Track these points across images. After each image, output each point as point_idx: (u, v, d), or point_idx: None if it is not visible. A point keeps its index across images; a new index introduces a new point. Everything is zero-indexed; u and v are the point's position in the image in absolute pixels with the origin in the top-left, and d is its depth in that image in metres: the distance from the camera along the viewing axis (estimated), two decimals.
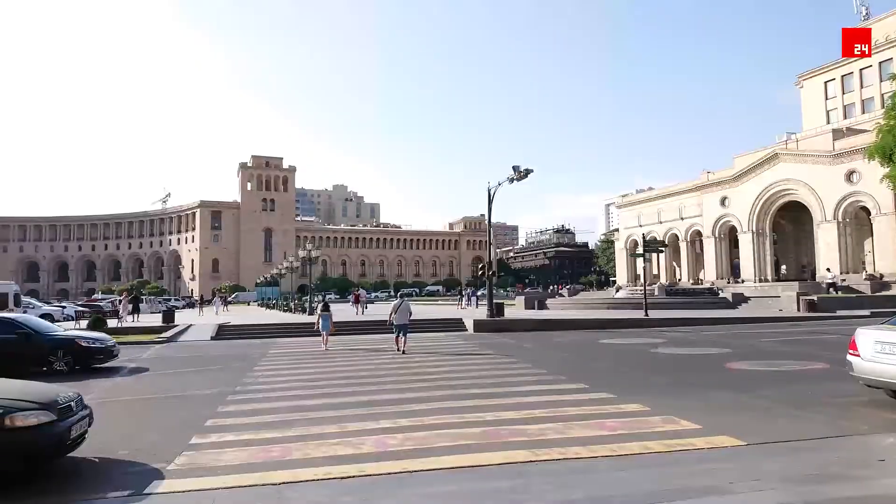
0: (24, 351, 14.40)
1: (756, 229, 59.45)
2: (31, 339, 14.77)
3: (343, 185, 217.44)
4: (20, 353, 14.21)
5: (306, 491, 5.57)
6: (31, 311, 38.64)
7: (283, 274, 61.69)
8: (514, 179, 27.44)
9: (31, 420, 5.87)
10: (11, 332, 14.68)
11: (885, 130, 33.28)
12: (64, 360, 14.76)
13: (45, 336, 15.32)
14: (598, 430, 7.58)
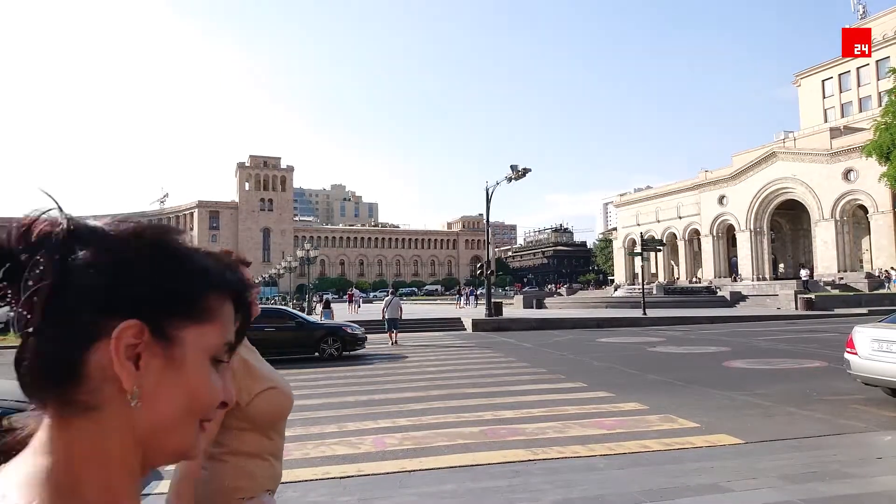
0: (300, 337, 16.44)
1: (754, 228, 59.56)
2: (304, 327, 16.88)
3: (341, 185, 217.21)
4: (296, 339, 16.33)
5: (305, 490, 5.56)
6: None
7: (282, 274, 61.73)
8: (512, 179, 27.46)
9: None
10: (291, 321, 16.90)
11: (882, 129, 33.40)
12: (335, 347, 16.55)
13: (315, 325, 17.69)
14: (596, 429, 7.59)
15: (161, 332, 0.58)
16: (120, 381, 0.56)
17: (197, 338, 0.60)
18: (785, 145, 56.38)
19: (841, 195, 50.97)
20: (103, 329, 0.56)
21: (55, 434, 0.58)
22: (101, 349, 0.56)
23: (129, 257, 0.58)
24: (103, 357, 0.56)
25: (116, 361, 0.55)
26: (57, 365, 0.57)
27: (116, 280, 0.56)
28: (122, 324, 0.56)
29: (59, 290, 0.55)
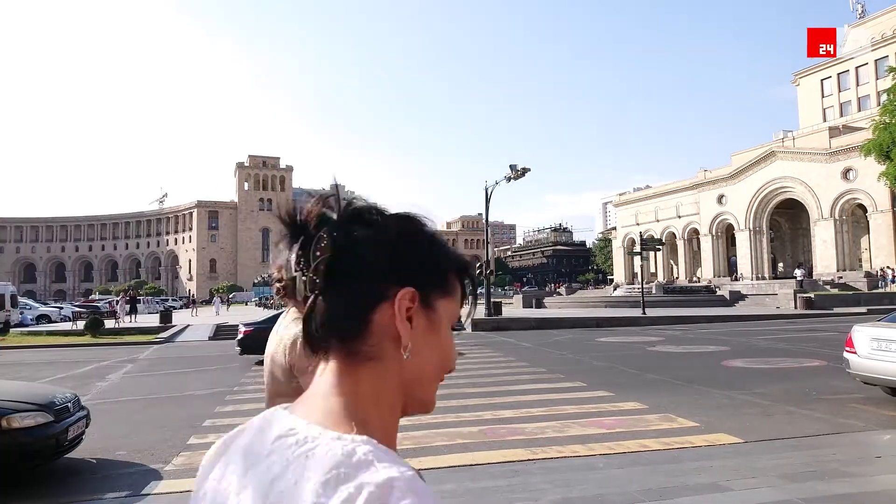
0: None
1: (753, 227, 59.55)
2: None
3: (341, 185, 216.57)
4: None
5: None
6: (28, 311, 38.62)
7: None
8: (511, 178, 27.48)
9: (28, 421, 5.86)
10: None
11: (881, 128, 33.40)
12: None
13: None
14: (595, 429, 7.59)
15: (426, 299, 0.71)
16: (396, 336, 0.69)
17: (445, 307, 0.73)
18: (784, 144, 56.37)
19: (840, 194, 50.97)
20: (385, 294, 0.69)
21: (342, 379, 0.70)
22: (383, 310, 0.69)
23: (404, 237, 0.72)
24: (384, 316, 0.69)
25: (398, 320, 0.68)
26: (346, 321, 0.69)
27: (396, 255, 0.70)
28: (401, 290, 0.69)
29: (339, 261, 0.69)
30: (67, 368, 15.85)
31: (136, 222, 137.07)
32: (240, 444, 0.72)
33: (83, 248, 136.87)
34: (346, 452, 0.61)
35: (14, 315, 30.97)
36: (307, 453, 0.63)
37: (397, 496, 0.56)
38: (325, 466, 0.60)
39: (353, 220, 0.71)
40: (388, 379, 0.70)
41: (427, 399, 0.74)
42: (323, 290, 0.69)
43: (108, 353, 19.64)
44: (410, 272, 0.70)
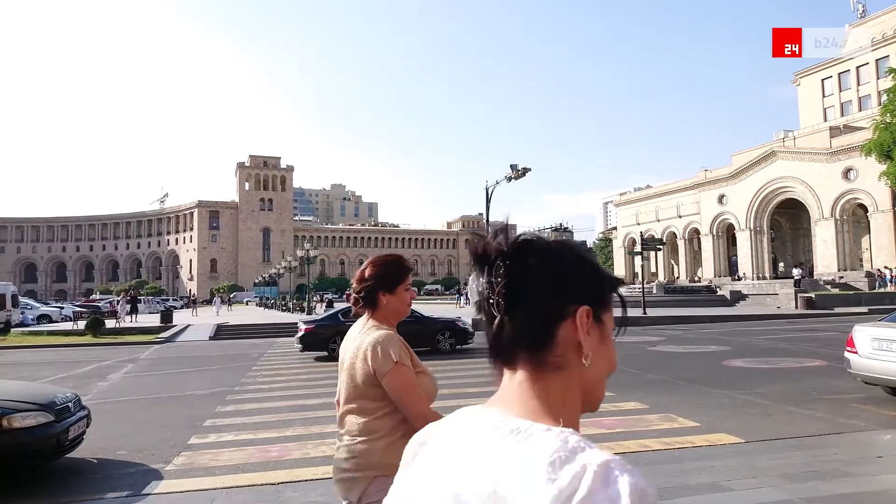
0: (418, 331, 16.29)
1: (754, 227, 59.53)
2: (421, 321, 17.17)
3: (341, 185, 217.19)
4: (415, 332, 15.99)
5: (305, 490, 5.57)
6: (29, 311, 38.64)
7: (282, 273, 61.72)
8: (512, 178, 27.41)
9: (28, 421, 5.86)
10: (410, 317, 16.38)
11: (881, 127, 33.36)
12: (449, 341, 17.22)
13: (432, 320, 18.42)
14: (596, 428, 7.58)
15: (597, 315, 0.84)
16: (577, 348, 0.82)
17: (608, 321, 0.87)
18: (784, 144, 56.34)
19: (841, 194, 50.94)
20: (565, 312, 0.82)
21: (534, 385, 0.82)
22: (566, 326, 0.81)
23: (575, 263, 0.86)
24: (567, 331, 0.81)
25: (581, 333, 0.81)
26: (535, 336, 0.82)
27: (570, 278, 0.84)
28: (580, 308, 0.82)
29: (517, 286, 0.82)
30: (68, 368, 15.87)
31: (136, 222, 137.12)
32: (445, 434, 0.86)
33: (84, 247, 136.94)
34: (561, 440, 0.72)
35: (15, 315, 30.99)
36: (525, 440, 0.74)
37: (616, 473, 0.67)
38: (546, 450, 0.70)
39: (523, 250, 0.86)
40: (572, 384, 0.83)
41: (600, 398, 0.88)
42: (506, 311, 0.82)
43: (109, 353, 19.65)
44: (583, 292, 0.84)
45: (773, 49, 12.99)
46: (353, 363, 2.41)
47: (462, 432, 0.83)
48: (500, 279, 0.83)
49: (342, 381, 2.49)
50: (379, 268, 2.53)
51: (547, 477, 0.68)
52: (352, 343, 2.48)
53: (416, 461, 0.87)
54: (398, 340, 2.40)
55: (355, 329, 2.54)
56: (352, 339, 2.50)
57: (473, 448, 0.78)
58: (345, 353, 2.52)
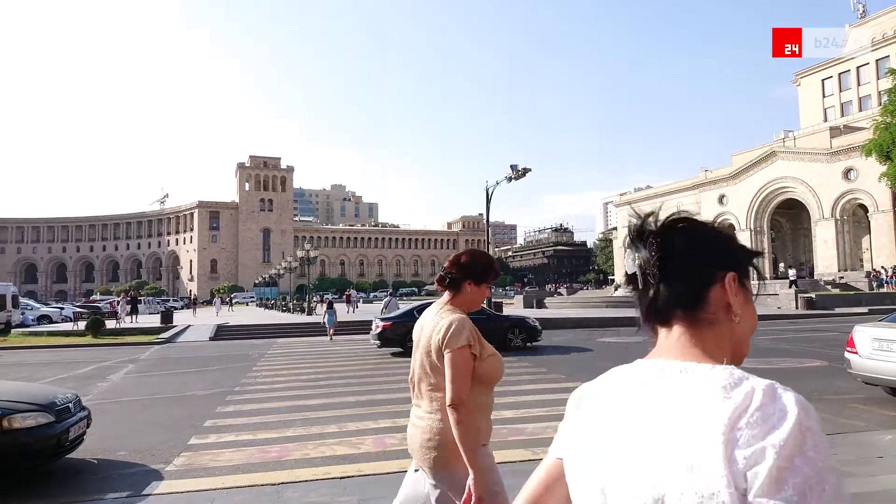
0: (490, 329, 16.19)
1: (754, 227, 59.52)
2: (493, 319, 17.72)
3: (341, 185, 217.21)
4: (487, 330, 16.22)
5: (305, 491, 5.57)
6: (29, 312, 38.63)
7: (282, 274, 61.67)
8: (512, 178, 27.43)
9: (29, 421, 5.86)
10: (482, 314, 17.11)
11: (881, 128, 33.35)
12: (520, 337, 17.53)
13: (502, 317, 19.21)
14: None
15: (741, 280, 1.00)
16: (727, 307, 0.98)
17: (748, 286, 1.02)
18: (785, 144, 56.33)
19: (841, 194, 50.93)
20: (714, 277, 0.98)
21: (691, 339, 0.98)
22: (716, 289, 0.98)
23: (720, 237, 1.03)
24: (717, 293, 0.98)
25: (730, 294, 0.97)
26: (688, 298, 0.98)
27: (718, 250, 1.01)
28: (729, 274, 0.98)
29: (668, 259, 0.98)
30: (68, 369, 15.87)
31: (137, 223, 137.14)
32: (604, 386, 1.02)
33: (84, 248, 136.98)
34: (727, 372, 0.89)
35: (15, 315, 30.99)
36: (694, 375, 0.91)
37: (780, 391, 0.84)
38: (716, 380, 0.88)
39: (673, 228, 1.01)
40: (724, 338, 0.99)
41: (746, 353, 1.04)
42: (661, 280, 0.99)
43: (109, 354, 19.65)
44: (729, 261, 1.00)
45: (773, 49, 12.99)
46: (428, 342, 2.60)
47: (625, 380, 0.99)
48: (655, 253, 0.99)
49: (416, 359, 2.69)
50: (475, 259, 2.76)
51: (722, 396, 0.84)
52: (429, 323, 2.67)
53: (579, 411, 1.03)
54: (471, 326, 2.59)
55: (431, 311, 2.74)
56: (428, 321, 2.69)
57: (642, 387, 0.94)
58: (420, 333, 2.71)
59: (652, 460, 0.86)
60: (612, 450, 0.92)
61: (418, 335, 2.73)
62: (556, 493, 1.05)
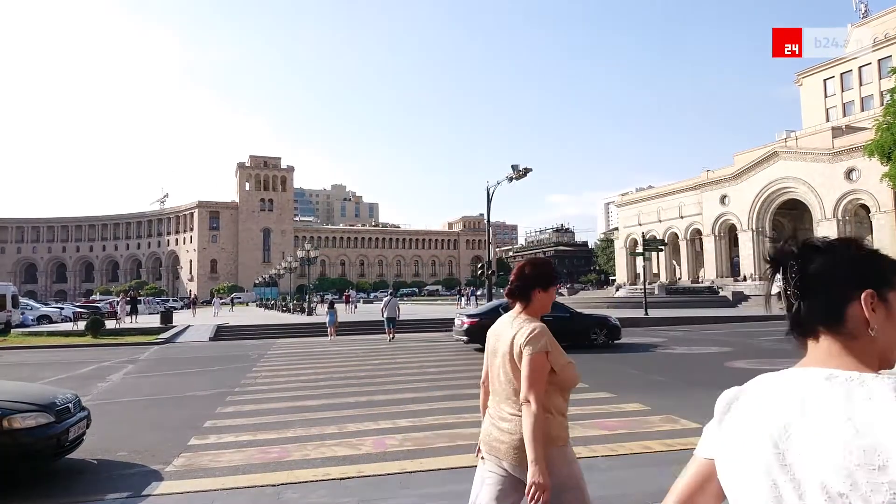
0: (575, 327, 17.39)
1: (756, 227, 59.51)
2: (576, 318, 18.33)
3: (342, 185, 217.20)
4: (572, 328, 17.08)
5: (305, 492, 5.55)
6: (29, 312, 38.63)
7: (282, 274, 61.67)
8: (513, 179, 27.40)
9: (29, 422, 5.85)
10: (566, 313, 18.21)
11: (883, 128, 33.27)
12: (603, 335, 17.97)
13: (585, 316, 19.36)
14: (597, 430, 7.56)
15: (881, 296, 1.07)
16: (867, 322, 1.05)
17: (893, 299, 1.08)
18: (787, 145, 56.31)
19: (843, 195, 50.93)
20: (853, 295, 1.06)
21: (840, 349, 1.08)
22: (854, 306, 1.06)
23: (856, 258, 1.10)
24: (856, 309, 1.06)
25: (867, 311, 1.05)
26: (828, 315, 1.08)
27: (854, 269, 1.08)
28: (865, 292, 1.06)
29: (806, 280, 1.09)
30: (68, 369, 15.85)
31: (136, 223, 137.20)
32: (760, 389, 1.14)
33: (84, 248, 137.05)
34: (893, 379, 0.97)
35: (15, 315, 30.99)
36: (863, 383, 0.98)
37: None
38: (889, 386, 0.95)
39: (810, 250, 1.11)
40: (869, 349, 1.07)
41: (894, 361, 1.10)
42: (802, 298, 1.10)
43: (109, 354, 19.63)
44: (866, 279, 1.07)
45: (773, 49, 12.95)
46: (510, 349, 2.81)
47: (786, 385, 1.10)
48: (794, 275, 1.10)
49: (495, 365, 2.93)
50: (538, 268, 3.00)
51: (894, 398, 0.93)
52: (505, 332, 2.90)
53: (731, 414, 1.13)
54: (550, 335, 2.82)
55: (505, 320, 2.97)
56: (504, 329, 2.93)
57: (811, 392, 1.03)
58: (497, 341, 2.95)
59: (833, 457, 0.93)
60: (788, 447, 0.99)
61: (494, 343, 2.96)
62: (707, 491, 1.15)
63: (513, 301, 2.96)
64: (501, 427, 2.84)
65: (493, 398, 2.97)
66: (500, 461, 2.84)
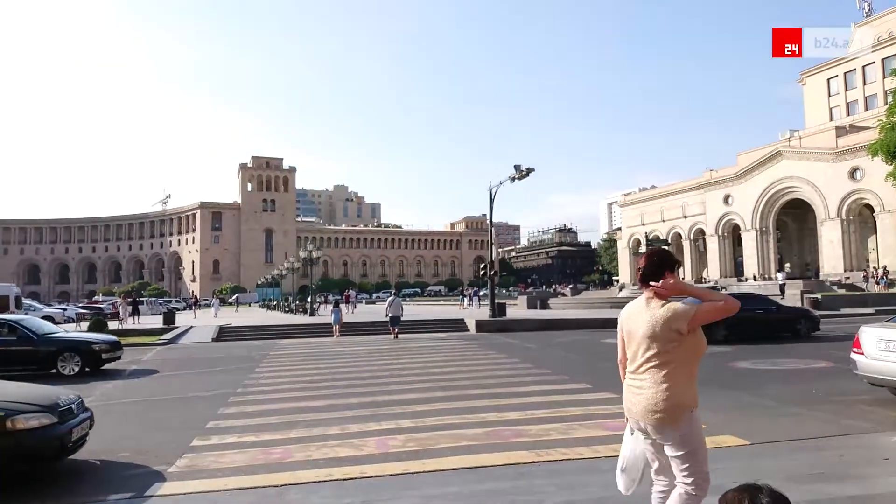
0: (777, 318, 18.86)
1: (759, 227, 59.38)
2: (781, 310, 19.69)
3: (344, 186, 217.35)
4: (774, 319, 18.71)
5: (308, 492, 5.55)
6: (32, 313, 38.75)
7: (284, 275, 61.75)
8: (515, 179, 27.40)
9: (32, 423, 5.86)
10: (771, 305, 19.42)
11: (888, 127, 33.19)
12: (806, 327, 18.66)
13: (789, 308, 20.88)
14: (600, 431, 7.55)
15: None
16: None
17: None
18: (790, 144, 56.18)
19: (847, 194, 50.77)
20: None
21: None
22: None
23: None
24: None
25: None
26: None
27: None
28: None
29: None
30: None
31: (139, 224, 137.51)
32: None
33: (87, 249, 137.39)
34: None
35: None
36: None
37: None
38: None
39: None
40: None
41: None
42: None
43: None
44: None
45: (773, 49, 12.91)
46: (652, 327, 3.31)
47: None
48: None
49: (633, 343, 3.44)
50: (665, 253, 3.52)
51: None
52: (640, 314, 3.41)
53: None
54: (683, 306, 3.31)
55: (639, 303, 3.47)
56: (637, 311, 3.45)
57: None
58: (632, 322, 3.47)
59: None
60: None
61: (628, 324, 3.50)
62: None
63: (643, 286, 3.44)
64: (639, 393, 3.38)
65: (630, 371, 3.49)
66: (638, 422, 3.44)
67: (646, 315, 3.35)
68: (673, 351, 3.29)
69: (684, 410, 3.28)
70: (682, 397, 3.28)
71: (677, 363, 3.30)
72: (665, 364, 3.29)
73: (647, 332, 3.31)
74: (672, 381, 3.27)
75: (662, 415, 3.25)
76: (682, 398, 3.27)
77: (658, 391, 3.28)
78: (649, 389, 3.31)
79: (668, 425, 3.26)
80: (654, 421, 3.29)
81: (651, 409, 3.29)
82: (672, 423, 3.25)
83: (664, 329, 3.26)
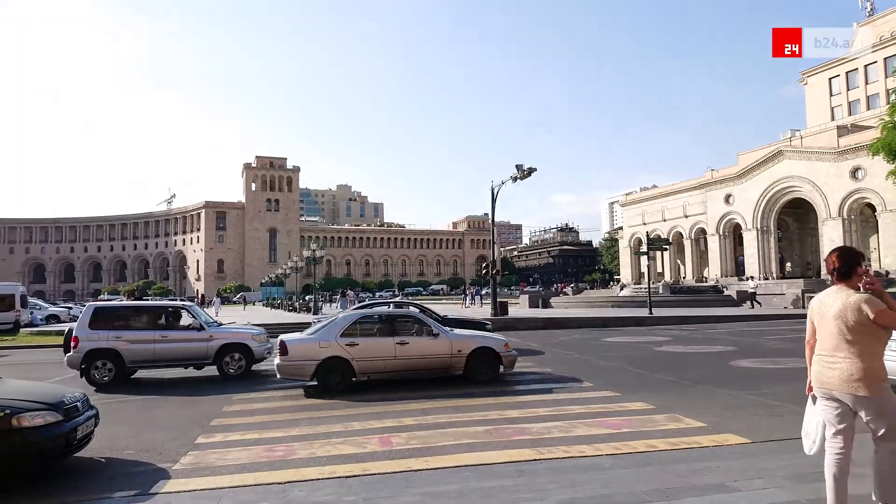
0: None
1: (761, 227, 59.27)
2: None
3: (347, 185, 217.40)
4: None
5: (311, 490, 5.59)
6: (38, 312, 38.86)
7: (288, 274, 61.89)
8: (517, 178, 27.42)
9: (37, 420, 5.90)
10: None
11: (889, 127, 33.14)
12: None
13: None
14: (602, 429, 7.58)
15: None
16: None
17: None
18: (791, 144, 56.06)
19: (848, 193, 50.65)
20: None
21: None
22: None
23: None
24: None
25: None
26: None
27: None
28: None
29: None
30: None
31: (144, 223, 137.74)
32: None
33: (92, 248, 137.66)
34: None
35: (24, 315, 31.17)
36: None
37: None
38: None
39: None
40: None
41: None
42: None
43: None
44: None
45: (773, 49, 12.90)
46: (844, 313, 3.98)
47: None
48: None
49: (824, 325, 4.12)
50: (853, 250, 4.25)
51: None
52: (833, 301, 4.10)
53: None
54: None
55: (830, 293, 4.17)
56: (830, 299, 4.13)
57: None
58: (824, 307, 4.15)
59: None
60: None
61: (820, 309, 4.18)
62: None
63: (836, 279, 4.12)
64: (833, 367, 4.03)
65: (822, 349, 4.15)
66: (831, 391, 4.04)
67: (839, 301, 4.03)
68: (863, 332, 3.93)
69: (876, 381, 3.92)
70: (873, 370, 3.92)
71: (866, 342, 3.94)
72: (855, 342, 3.95)
73: (840, 313, 4.00)
74: (863, 357, 3.93)
75: (858, 384, 3.91)
76: (873, 371, 3.92)
77: (852, 364, 3.94)
78: (843, 362, 3.98)
79: (863, 394, 3.90)
80: (851, 389, 3.93)
81: (847, 380, 3.95)
82: (868, 392, 3.88)
83: (855, 312, 3.92)
